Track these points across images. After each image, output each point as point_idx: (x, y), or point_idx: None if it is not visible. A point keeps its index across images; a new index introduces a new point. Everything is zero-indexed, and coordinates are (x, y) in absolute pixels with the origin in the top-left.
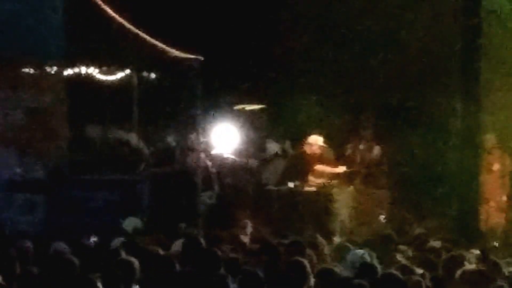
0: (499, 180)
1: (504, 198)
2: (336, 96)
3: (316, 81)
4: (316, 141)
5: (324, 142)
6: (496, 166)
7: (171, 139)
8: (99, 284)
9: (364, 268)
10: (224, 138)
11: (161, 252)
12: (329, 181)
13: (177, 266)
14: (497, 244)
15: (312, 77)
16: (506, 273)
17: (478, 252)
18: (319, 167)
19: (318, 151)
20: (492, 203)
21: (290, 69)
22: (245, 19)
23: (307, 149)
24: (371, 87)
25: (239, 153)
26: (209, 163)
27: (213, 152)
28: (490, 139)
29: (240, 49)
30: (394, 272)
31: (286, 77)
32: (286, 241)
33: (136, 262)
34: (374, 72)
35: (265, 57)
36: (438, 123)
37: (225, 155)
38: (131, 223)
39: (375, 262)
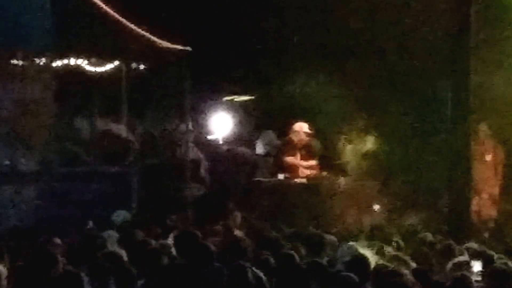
0: (492, 170)
1: (497, 189)
2: (329, 88)
3: (307, 72)
4: (301, 128)
5: (310, 129)
6: (489, 157)
7: (160, 131)
8: (84, 278)
9: (356, 261)
10: (214, 129)
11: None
12: (319, 172)
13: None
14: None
15: (304, 67)
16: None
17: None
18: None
19: (304, 138)
20: (484, 195)
21: (280, 59)
22: (235, 9)
23: (294, 137)
24: (362, 79)
25: (228, 144)
26: (199, 155)
27: (203, 143)
28: (483, 129)
29: (229, 39)
30: (387, 264)
31: (276, 68)
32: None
33: (124, 254)
34: (365, 63)
35: (254, 48)
36: (430, 113)
37: (215, 146)
38: (120, 215)
39: (367, 254)
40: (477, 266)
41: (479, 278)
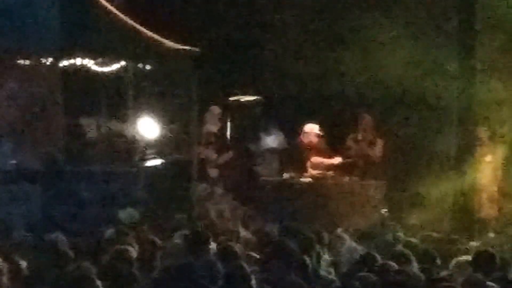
0: (492, 171)
1: (495, 188)
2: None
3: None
4: (312, 129)
5: (320, 130)
6: (489, 158)
7: (166, 130)
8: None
9: (365, 258)
10: (219, 129)
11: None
12: (326, 172)
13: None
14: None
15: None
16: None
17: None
18: (316, 159)
19: (315, 139)
20: (484, 194)
21: (285, 59)
22: (240, 8)
23: (304, 138)
24: (367, 75)
25: (234, 144)
26: (205, 154)
27: (209, 143)
28: (483, 130)
29: (235, 40)
30: (392, 262)
31: (281, 68)
32: None
33: (133, 251)
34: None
35: (259, 48)
36: (434, 112)
37: (221, 147)
38: (127, 214)
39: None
40: None
41: None
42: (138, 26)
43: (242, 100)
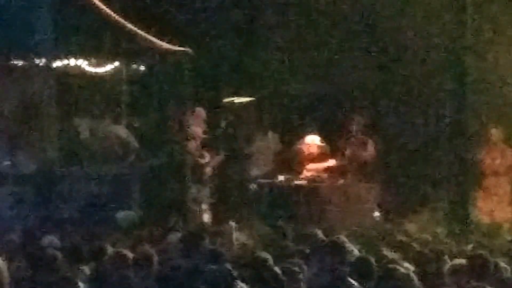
0: (502, 174)
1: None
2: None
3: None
4: (313, 141)
5: (321, 140)
6: (498, 160)
7: (160, 132)
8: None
9: (360, 262)
10: (214, 130)
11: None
12: (321, 174)
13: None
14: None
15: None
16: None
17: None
18: (311, 164)
19: (315, 151)
20: (495, 198)
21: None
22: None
23: (305, 149)
24: (361, 78)
25: (227, 146)
26: (199, 155)
27: (204, 144)
28: (495, 133)
29: (230, 40)
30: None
31: (276, 69)
32: None
33: (129, 255)
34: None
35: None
36: (431, 115)
37: (215, 148)
38: (125, 216)
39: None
40: None
41: None
42: (132, 27)
43: (236, 101)
